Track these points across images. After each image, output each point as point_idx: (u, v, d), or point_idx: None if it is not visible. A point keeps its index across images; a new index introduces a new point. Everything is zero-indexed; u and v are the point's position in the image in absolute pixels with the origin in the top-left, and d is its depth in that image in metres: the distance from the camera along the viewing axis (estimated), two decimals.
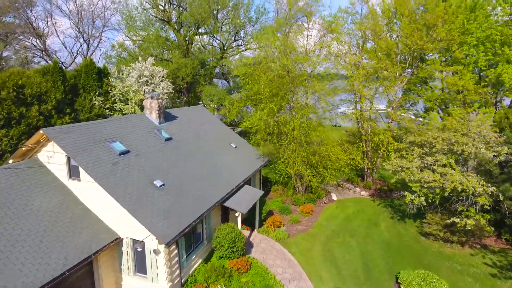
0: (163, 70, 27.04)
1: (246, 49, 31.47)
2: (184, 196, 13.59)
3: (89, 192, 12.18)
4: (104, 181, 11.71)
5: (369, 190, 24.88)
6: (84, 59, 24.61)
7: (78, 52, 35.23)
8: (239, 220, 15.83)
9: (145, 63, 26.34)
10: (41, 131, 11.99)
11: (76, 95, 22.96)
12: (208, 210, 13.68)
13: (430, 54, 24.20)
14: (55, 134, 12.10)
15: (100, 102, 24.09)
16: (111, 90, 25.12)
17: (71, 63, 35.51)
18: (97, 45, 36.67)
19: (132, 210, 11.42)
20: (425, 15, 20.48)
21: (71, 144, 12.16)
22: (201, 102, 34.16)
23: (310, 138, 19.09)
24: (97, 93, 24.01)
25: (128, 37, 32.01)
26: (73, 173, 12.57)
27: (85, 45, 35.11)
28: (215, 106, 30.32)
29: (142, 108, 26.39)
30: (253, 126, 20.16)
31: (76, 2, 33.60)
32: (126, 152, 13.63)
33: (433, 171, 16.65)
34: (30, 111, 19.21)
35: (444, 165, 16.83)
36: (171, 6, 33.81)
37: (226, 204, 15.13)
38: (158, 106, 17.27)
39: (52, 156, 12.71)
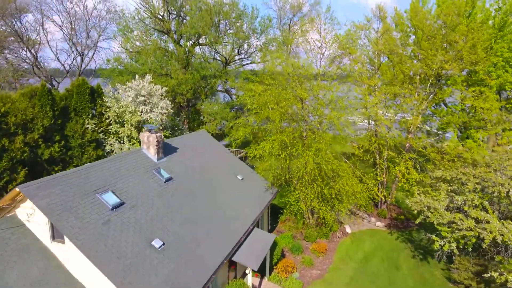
0: (162, 88, 25.14)
1: (251, 63, 29.61)
2: (187, 256, 11.70)
3: (75, 258, 10.28)
4: (92, 250, 9.82)
5: (384, 219, 23.07)
6: (76, 79, 22.64)
7: (70, 66, 33.23)
8: (249, 277, 13.98)
9: (142, 81, 24.43)
10: (17, 189, 10.09)
11: (66, 119, 21.01)
12: (216, 271, 11.82)
13: (450, 71, 22.45)
14: (34, 191, 10.19)
15: (94, 126, 22.15)
16: (105, 111, 23.18)
17: (64, 77, 33.51)
18: (92, 55, 34.75)
19: (126, 284, 9.54)
20: (448, 34, 18.69)
21: (53, 203, 10.25)
22: (202, 118, 32.29)
23: (324, 171, 17.24)
24: (90, 116, 22.08)
25: (125, 49, 30.05)
26: (56, 234, 10.68)
27: (79, 58, 33.17)
28: (218, 127, 28.40)
29: (139, 129, 24.51)
30: (262, 155, 18.32)
31: (69, 13, 31.69)
32: (119, 205, 11.74)
33: (465, 213, 14.87)
34: (14, 142, 17.28)
35: (476, 205, 15.07)
36: (170, 16, 31.92)
37: (235, 258, 13.27)
38: (157, 141, 15.38)
39: (32, 214, 10.81)
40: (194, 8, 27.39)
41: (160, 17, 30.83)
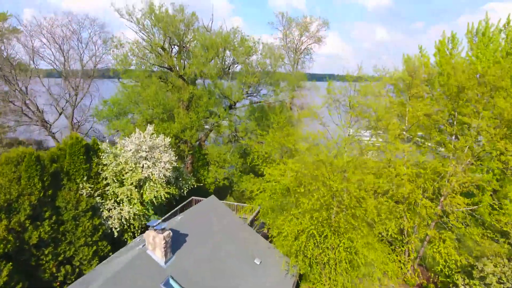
0: (164, 139, 22.73)
1: (260, 102, 27.17)
2: None
3: None
4: None
5: None
6: (69, 138, 20.11)
7: (66, 104, 30.36)
8: None
9: (142, 135, 21.99)
10: None
11: (58, 187, 18.50)
12: None
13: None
14: None
15: (89, 189, 19.72)
16: (102, 170, 20.75)
17: (57, 119, 30.82)
18: (88, 88, 31.97)
19: None
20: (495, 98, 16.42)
21: None
22: (206, 157, 29.85)
23: (355, 261, 14.97)
24: (84, 178, 19.64)
25: (123, 87, 27.49)
26: None
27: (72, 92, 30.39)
28: (226, 178, 26.02)
29: (139, 187, 22.11)
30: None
31: (61, 48, 28.91)
32: None
33: None
34: None
35: None
36: (172, 49, 29.43)
37: None
38: (165, 242, 13.01)
39: None
40: (199, 47, 24.99)
41: (161, 50, 28.32)
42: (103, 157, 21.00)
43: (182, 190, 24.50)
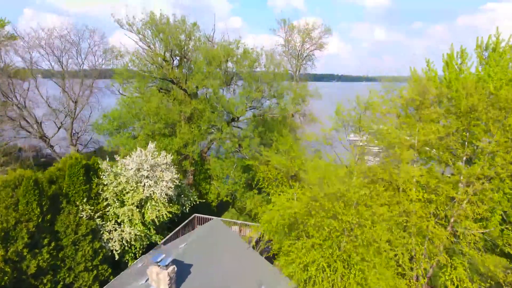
0: (166, 156, 22.13)
1: (264, 114, 26.51)
2: None
3: None
4: None
5: None
6: (68, 157, 19.54)
7: (65, 118, 29.72)
8: None
9: (144, 153, 21.40)
10: None
11: (57, 211, 17.89)
12: None
13: None
14: None
15: (89, 211, 19.12)
16: (102, 190, 20.16)
17: (56, 133, 30.15)
18: (87, 98, 31.31)
19: None
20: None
21: None
22: (209, 171, 29.25)
23: None
24: (84, 200, 19.05)
25: (123, 99, 26.85)
26: None
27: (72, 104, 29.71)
28: (230, 194, 25.39)
29: (141, 207, 21.52)
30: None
31: (60, 60, 28.15)
32: None
33: None
34: None
35: None
36: (174, 61, 28.81)
37: None
38: (169, 278, 12.45)
39: None
40: (201, 60, 24.37)
41: (163, 61, 27.68)
42: (104, 176, 20.42)
43: (184, 207, 23.94)
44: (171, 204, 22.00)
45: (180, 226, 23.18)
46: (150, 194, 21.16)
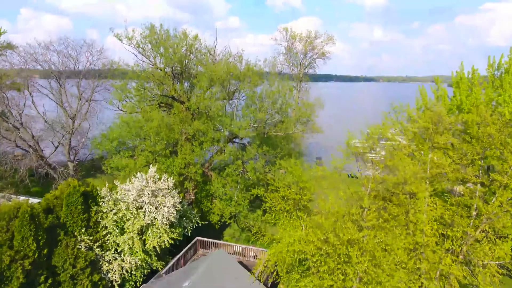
0: (167, 180, 21.35)
1: (268, 133, 25.74)
2: None
3: None
4: None
5: None
6: (66, 185, 18.72)
7: (63, 137, 28.74)
8: None
9: (144, 177, 20.62)
10: None
11: (54, 244, 17.10)
12: None
13: None
14: None
15: (88, 241, 18.34)
16: (101, 218, 19.38)
17: (53, 152, 29.28)
18: (86, 112, 30.44)
19: None
20: None
21: None
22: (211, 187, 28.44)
23: None
24: (83, 230, 18.27)
25: (123, 120, 25.94)
26: None
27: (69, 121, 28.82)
28: (233, 216, 24.56)
29: (141, 234, 20.73)
30: None
31: (58, 78, 27.18)
32: None
33: None
34: None
35: None
36: (175, 77, 27.99)
37: None
38: None
39: None
40: (204, 79, 23.53)
41: (163, 77, 26.85)
42: (103, 203, 19.63)
43: (186, 230, 23.17)
44: (172, 229, 21.21)
45: (183, 251, 22.40)
46: (152, 220, 20.40)
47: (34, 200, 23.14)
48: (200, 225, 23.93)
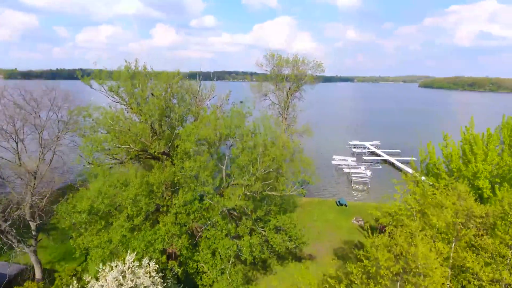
0: (149, 265, 18.10)
1: (262, 195, 22.91)
2: None
3: None
4: None
5: None
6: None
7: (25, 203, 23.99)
8: None
9: (121, 269, 17.29)
10: None
11: None
12: None
13: None
14: None
15: None
16: None
17: (6, 225, 24.50)
18: (51, 159, 26.04)
19: None
20: None
21: None
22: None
23: None
24: None
25: (94, 185, 22.17)
26: None
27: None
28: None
29: None
30: None
31: (14, 138, 22.56)
32: None
33: None
34: None
35: None
36: (155, 131, 24.68)
37: None
38: None
39: None
40: (191, 140, 20.40)
41: (141, 132, 23.45)
42: None
43: None
44: None
45: None
46: None
47: None
48: None
